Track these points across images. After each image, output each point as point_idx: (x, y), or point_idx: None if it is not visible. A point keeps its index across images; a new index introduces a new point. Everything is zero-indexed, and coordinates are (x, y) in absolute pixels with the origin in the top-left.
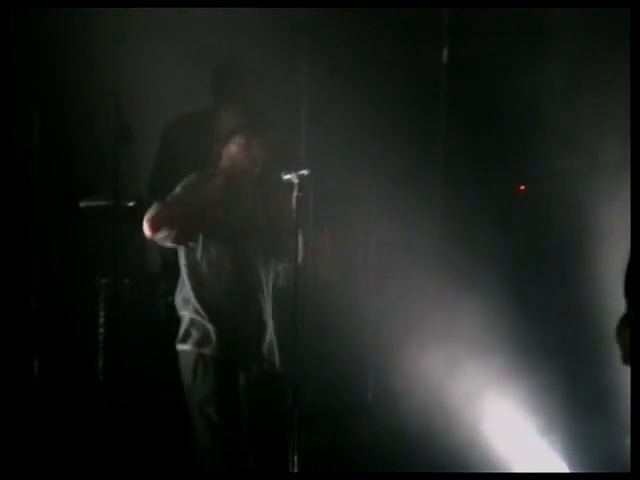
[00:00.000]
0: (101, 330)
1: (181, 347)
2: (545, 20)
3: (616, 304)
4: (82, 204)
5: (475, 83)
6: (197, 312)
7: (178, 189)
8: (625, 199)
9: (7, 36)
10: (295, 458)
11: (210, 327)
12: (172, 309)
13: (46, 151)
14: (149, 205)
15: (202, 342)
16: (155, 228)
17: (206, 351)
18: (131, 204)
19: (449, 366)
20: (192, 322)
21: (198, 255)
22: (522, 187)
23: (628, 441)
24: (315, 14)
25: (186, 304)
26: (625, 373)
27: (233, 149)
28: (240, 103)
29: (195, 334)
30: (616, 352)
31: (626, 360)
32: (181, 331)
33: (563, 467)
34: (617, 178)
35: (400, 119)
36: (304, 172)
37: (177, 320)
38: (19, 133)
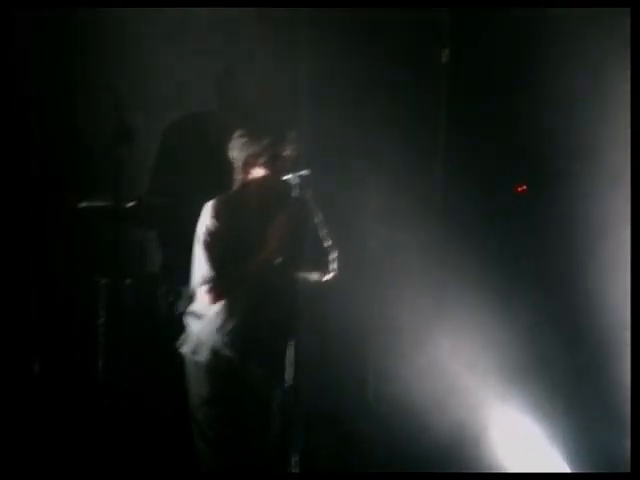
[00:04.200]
0: (101, 330)
1: (181, 350)
2: (545, 20)
3: (617, 303)
4: (82, 204)
5: (475, 83)
6: (199, 322)
7: (236, 272)
8: (625, 199)
9: (7, 36)
10: (295, 458)
11: (203, 338)
12: (172, 309)
13: (46, 151)
14: (149, 206)
15: (195, 350)
16: (217, 301)
17: (200, 358)
18: (131, 204)
19: (449, 366)
20: (190, 330)
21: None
22: (522, 187)
23: (628, 441)
24: (315, 14)
25: (190, 315)
26: (625, 373)
27: (258, 172)
28: (250, 127)
29: (192, 340)
30: (617, 352)
31: None
32: (182, 335)
33: (563, 467)
34: (617, 178)
35: (400, 119)
36: (304, 172)
37: (177, 320)
38: (19, 133)
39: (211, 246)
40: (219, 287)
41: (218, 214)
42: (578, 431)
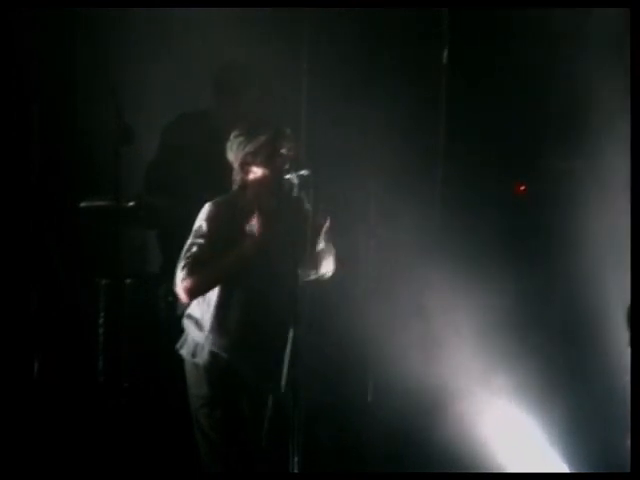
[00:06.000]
0: (101, 330)
1: (180, 352)
2: (545, 20)
3: (616, 304)
4: (82, 204)
5: (475, 83)
6: (197, 324)
7: (215, 260)
8: (625, 198)
9: (7, 36)
10: (295, 458)
11: (202, 341)
12: (172, 310)
13: (46, 151)
14: (149, 206)
15: (194, 353)
16: (193, 297)
17: (199, 361)
18: (131, 204)
19: (449, 365)
20: (188, 333)
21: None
22: (522, 187)
23: (628, 441)
24: (315, 14)
25: (188, 318)
26: (625, 373)
27: (257, 171)
28: (249, 125)
29: (190, 343)
30: (619, 352)
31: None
32: (181, 337)
33: (563, 467)
34: (617, 178)
35: (400, 119)
36: (304, 172)
37: (177, 321)
38: (19, 133)
39: (196, 243)
40: (192, 276)
41: (211, 217)
42: (578, 431)
